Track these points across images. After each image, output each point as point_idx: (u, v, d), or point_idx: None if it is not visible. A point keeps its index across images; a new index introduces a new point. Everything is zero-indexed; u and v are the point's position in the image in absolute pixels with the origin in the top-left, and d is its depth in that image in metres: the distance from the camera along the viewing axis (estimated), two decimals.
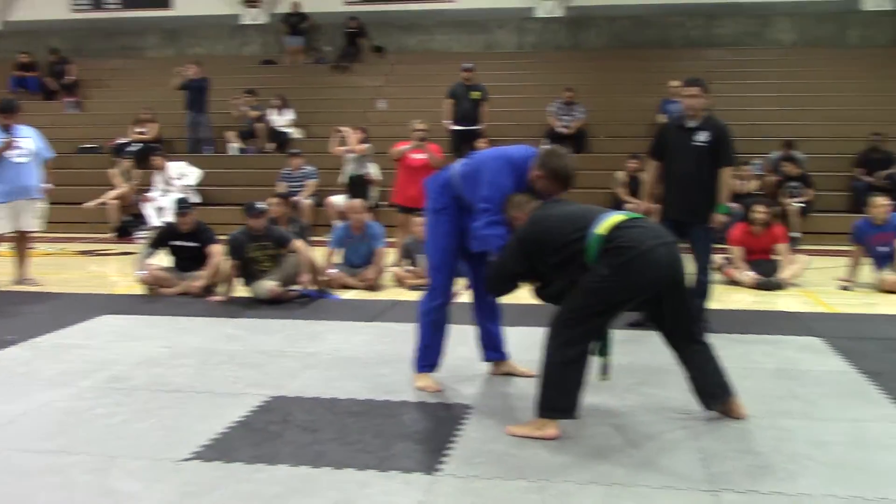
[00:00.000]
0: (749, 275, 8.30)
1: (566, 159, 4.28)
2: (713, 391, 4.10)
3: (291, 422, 4.11)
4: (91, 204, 13.32)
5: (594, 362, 4.01)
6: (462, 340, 5.25)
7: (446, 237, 4.62)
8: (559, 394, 3.85)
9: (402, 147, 9.43)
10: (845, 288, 8.26)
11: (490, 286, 4.47)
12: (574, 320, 3.83)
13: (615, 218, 3.89)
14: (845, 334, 6.06)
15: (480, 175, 4.40)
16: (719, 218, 6.08)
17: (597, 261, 3.80)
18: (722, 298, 7.31)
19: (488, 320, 4.89)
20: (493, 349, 4.96)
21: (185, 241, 7.85)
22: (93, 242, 12.24)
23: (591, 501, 3.20)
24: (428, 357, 4.75)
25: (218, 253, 7.69)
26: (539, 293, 4.20)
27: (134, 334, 6.08)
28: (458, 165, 4.63)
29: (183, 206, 8.05)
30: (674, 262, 3.90)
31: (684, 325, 4.08)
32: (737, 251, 8.53)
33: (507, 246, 4.14)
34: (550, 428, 3.86)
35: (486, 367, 5.01)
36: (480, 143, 13.47)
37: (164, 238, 8.00)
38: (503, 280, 4.25)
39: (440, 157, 9.46)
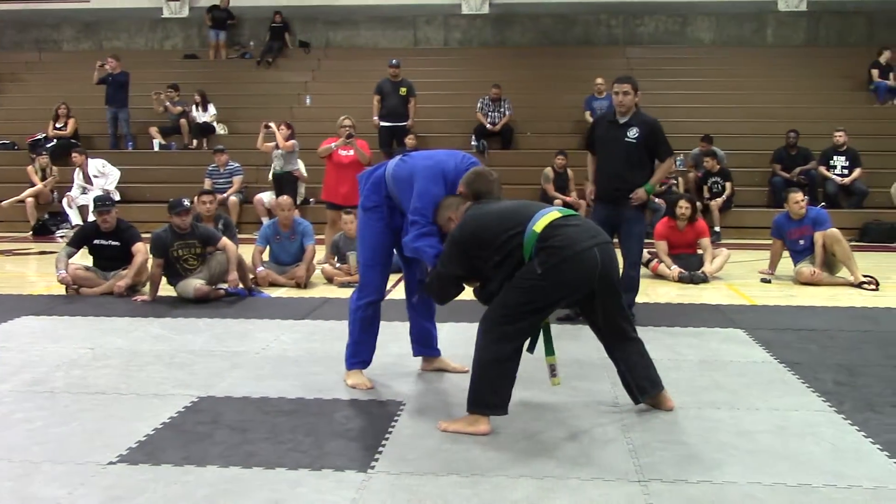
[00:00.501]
0: (674, 269, 8.47)
1: (493, 184, 4.24)
2: (643, 385, 4.17)
3: (221, 422, 4.04)
4: (7, 203, 12.91)
5: (543, 366, 4.09)
6: (393, 337, 5.25)
7: (378, 235, 4.60)
8: (491, 390, 3.86)
9: (330, 144, 9.35)
10: (766, 280, 8.50)
11: (433, 295, 4.36)
12: (507, 317, 3.84)
13: (550, 215, 3.88)
14: (766, 326, 6.24)
15: (413, 181, 4.36)
16: (640, 193, 6.19)
17: (532, 258, 3.81)
18: (647, 292, 7.46)
19: (422, 316, 4.89)
20: (425, 345, 4.96)
21: (107, 240, 7.65)
22: (10, 241, 11.86)
23: (523, 495, 3.23)
24: (358, 354, 4.74)
25: (142, 251, 7.53)
26: (479, 294, 4.14)
27: (54, 336, 5.90)
28: (391, 165, 4.58)
29: (103, 204, 7.81)
30: (606, 262, 3.89)
31: (616, 322, 4.11)
32: (661, 245, 8.70)
33: (444, 251, 4.08)
34: (482, 424, 3.87)
35: (417, 362, 5.02)
36: (409, 139, 13.48)
37: (84, 237, 7.79)
38: (446, 286, 4.15)
39: (369, 153, 9.42)
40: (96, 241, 7.71)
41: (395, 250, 4.70)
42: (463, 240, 3.98)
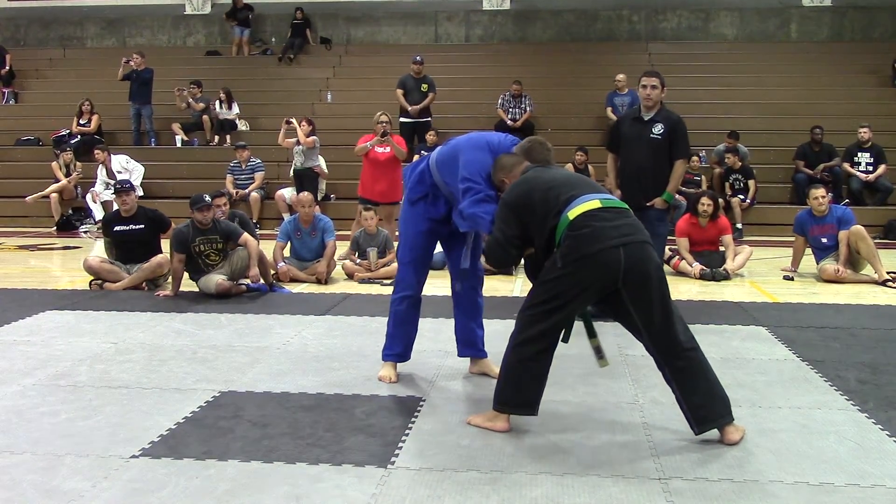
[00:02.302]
0: (695, 266, 8.43)
1: (549, 153, 4.17)
2: (699, 416, 3.67)
3: (242, 417, 4.06)
4: (32, 198, 13.03)
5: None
6: (419, 333, 5.24)
7: (419, 230, 4.59)
8: (513, 390, 3.82)
9: (366, 143, 9.32)
10: (788, 278, 8.44)
11: (491, 260, 4.10)
12: (533, 318, 3.74)
13: (590, 203, 3.69)
14: (788, 323, 6.19)
15: (458, 157, 4.35)
16: (659, 203, 6.17)
17: (559, 245, 3.69)
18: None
19: (467, 315, 4.80)
20: (470, 345, 4.85)
21: (128, 225, 7.76)
22: (34, 237, 11.98)
23: (542, 492, 3.22)
24: (390, 346, 4.76)
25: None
26: (525, 266, 4.02)
27: (78, 330, 5.96)
28: (434, 153, 4.59)
29: (122, 186, 8.00)
30: (633, 263, 3.60)
31: (662, 332, 3.67)
32: (682, 242, 8.65)
33: (497, 214, 3.94)
34: (500, 421, 3.86)
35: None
36: (430, 135, 13.50)
37: (106, 226, 7.92)
38: (503, 248, 3.89)
39: (405, 149, 9.39)
40: (117, 228, 7.79)
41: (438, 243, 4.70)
42: (513, 202, 3.85)
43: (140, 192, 12.48)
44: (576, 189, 3.78)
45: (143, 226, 7.80)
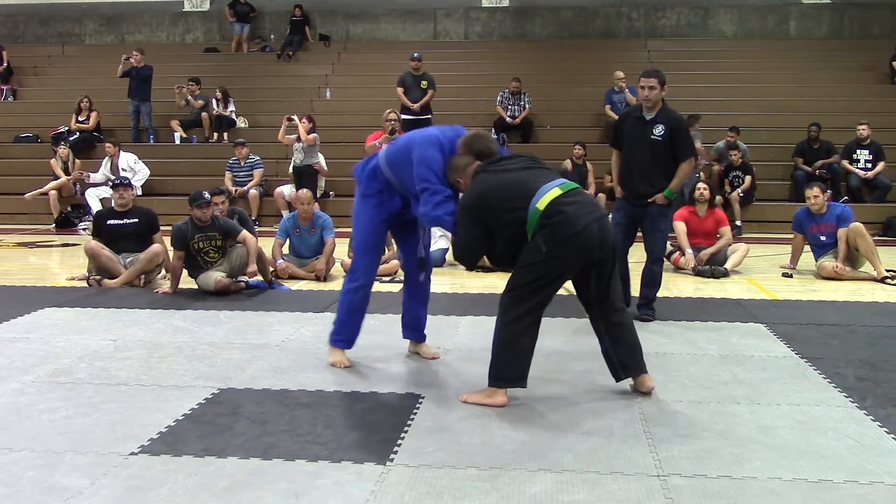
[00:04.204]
0: (689, 254, 8.41)
1: (492, 143, 4.49)
2: (626, 364, 4.29)
3: (241, 414, 4.06)
4: (30, 195, 13.02)
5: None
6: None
7: (373, 222, 4.78)
8: (507, 366, 4.13)
9: (375, 141, 9.31)
10: (787, 275, 8.44)
11: (461, 261, 4.59)
12: (518, 297, 4.09)
13: (553, 192, 4.05)
14: (787, 320, 6.20)
15: (411, 154, 4.51)
16: (660, 198, 6.16)
17: (535, 234, 4.02)
18: (668, 286, 7.42)
19: (417, 303, 5.06)
20: (416, 329, 5.13)
21: (122, 219, 7.81)
22: (33, 234, 11.97)
23: (542, 488, 3.22)
24: (341, 333, 4.94)
25: (159, 249, 7.64)
26: (491, 256, 4.34)
27: (77, 327, 5.96)
28: (382, 152, 4.77)
29: (121, 182, 8.05)
30: (603, 235, 4.08)
31: (606, 290, 4.22)
32: (679, 226, 8.59)
33: (457, 219, 4.28)
34: (499, 396, 4.15)
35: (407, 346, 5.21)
36: None
37: (98, 221, 7.94)
38: (469, 249, 4.35)
39: None
40: (111, 222, 7.80)
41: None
42: (471, 206, 4.19)
43: (139, 193, 12.52)
44: (532, 184, 4.12)
45: (136, 219, 7.84)
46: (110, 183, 12.67)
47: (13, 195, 13.53)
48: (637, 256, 6.41)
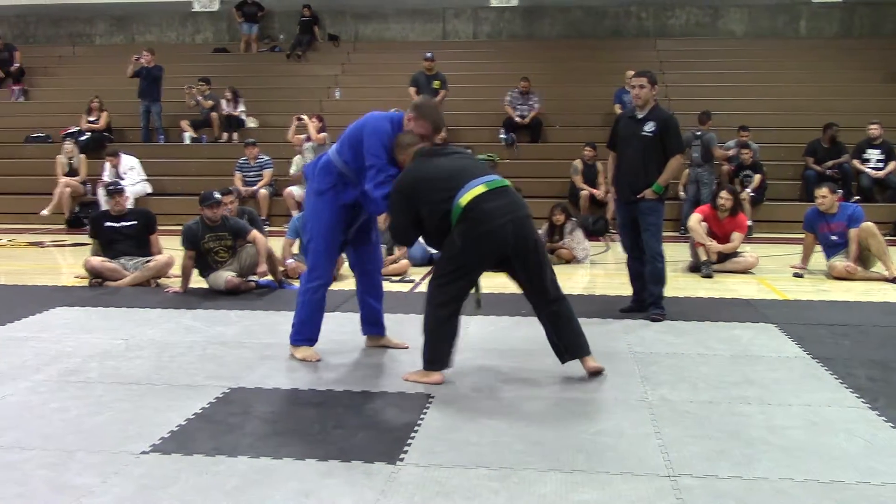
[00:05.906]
0: (712, 243, 8.43)
1: (438, 114, 4.77)
2: (567, 346, 4.59)
3: (251, 413, 4.07)
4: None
5: (470, 299, 4.58)
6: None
7: (329, 221, 4.88)
8: (432, 349, 4.50)
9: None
10: (798, 275, 8.41)
11: (397, 241, 5.03)
12: (441, 285, 4.46)
13: (477, 189, 4.35)
14: (798, 320, 6.18)
15: (363, 129, 4.69)
16: (649, 193, 6.18)
17: (456, 226, 4.34)
18: (678, 286, 7.41)
19: (371, 297, 5.22)
20: (374, 323, 5.30)
21: (119, 222, 7.82)
22: (44, 233, 12.01)
23: (551, 488, 3.22)
24: (304, 332, 5.05)
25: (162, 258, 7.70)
26: (426, 239, 4.80)
27: (88, 326, 5.98)
28: (335, 145, 4.91)
29: (114, 188, 8.07)
30: (519, 234, 4.39)
31: (540, 286, 4.54)
32: (695, 217, 8.63)
33: (391, 201, 4.55)
34: (434, 375, 4.52)
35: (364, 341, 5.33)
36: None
37: (95, 223, 7.94)
38: (403, 233, 4.70)
39: None
40: (108, 224, 7.81)
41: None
42: (404, 190, 4.48)
43: (150, 189, 12.55)
44: (461, 178, 4.42)
45: (134, 222, 7.84)
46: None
47: (25, 195, 13.58)
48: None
